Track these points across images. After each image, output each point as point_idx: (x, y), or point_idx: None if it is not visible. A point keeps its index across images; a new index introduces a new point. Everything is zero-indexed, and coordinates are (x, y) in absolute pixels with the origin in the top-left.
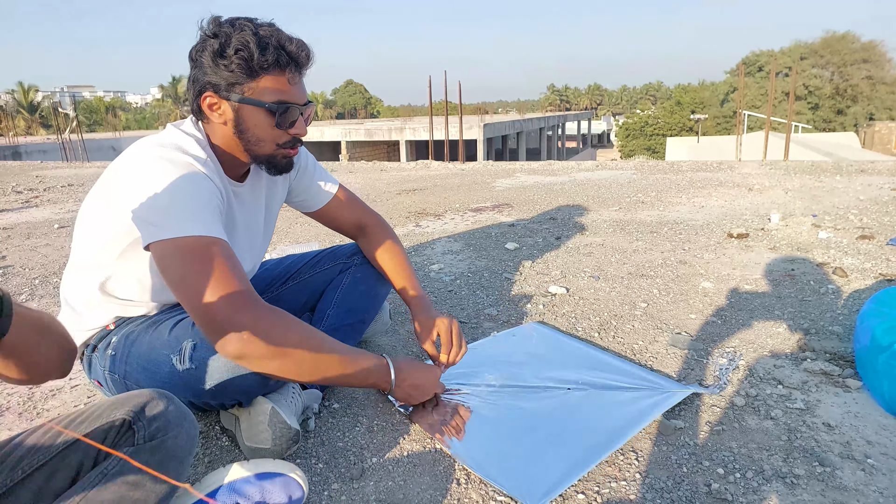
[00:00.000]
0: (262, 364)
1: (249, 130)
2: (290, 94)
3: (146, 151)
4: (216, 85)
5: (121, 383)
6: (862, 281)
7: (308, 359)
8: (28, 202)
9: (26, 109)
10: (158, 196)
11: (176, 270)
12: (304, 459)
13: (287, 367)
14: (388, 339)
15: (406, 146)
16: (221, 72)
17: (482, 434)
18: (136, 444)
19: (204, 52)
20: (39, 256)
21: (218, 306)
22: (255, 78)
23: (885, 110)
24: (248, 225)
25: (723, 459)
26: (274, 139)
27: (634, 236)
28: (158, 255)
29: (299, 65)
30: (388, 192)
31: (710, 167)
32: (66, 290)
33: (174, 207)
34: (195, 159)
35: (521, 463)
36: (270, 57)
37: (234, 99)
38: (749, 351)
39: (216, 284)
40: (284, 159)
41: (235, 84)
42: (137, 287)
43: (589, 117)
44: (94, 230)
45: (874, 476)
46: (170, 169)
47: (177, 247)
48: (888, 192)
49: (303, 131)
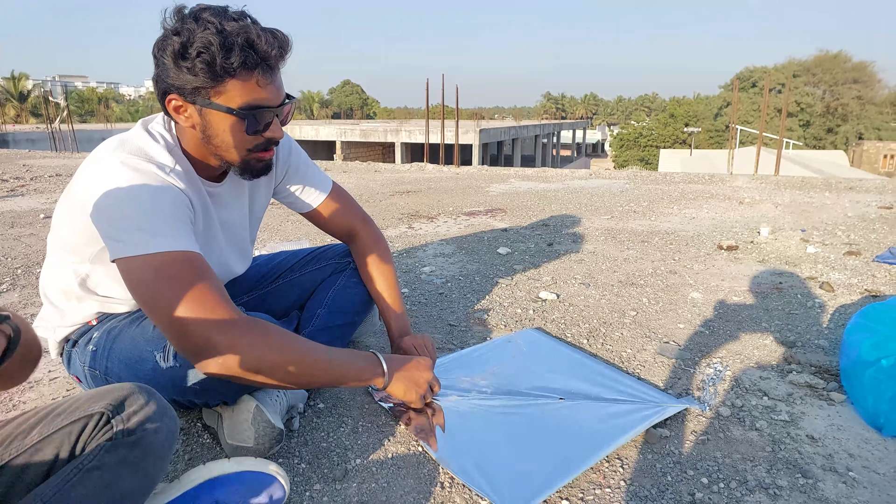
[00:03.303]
0: (246, 380)
1: (217, 136)
2: (261, 97)
3: (109, 157)
4: (180, 88)
5: (101, 379)
6: (848, 296)
7: (294, 370)
8: (13, 191)
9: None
10: (120, 209)
11: (145, 290)
12: (286, 459)
13: (273, 379)
14: (377, 340)
15: (401, 148)
16: (184, 75)
17: (468, 439)
18: (114, 439)
19: (165, 51)
20: (23, 246)
21: (192, 329)
22: (220, 82)
23: (873, 130)
24: (232, 225)
25: (707, 469)
26: (244, 145)
27: (626, 245)
28: (125, 271)
29: (270, 65)
30: (381, 193)
31: (702, 179)
32: (45, 286)
33: (138, 221)
34: (159, 167)
35: (505, 469)
36: (236, 60)
37: (199, 103)
38: (735, 362)
39: (188, 304)
40: (259, 163)
41: (200, 88)
42: (118, 286)
43: (584, 126)
44: (66, 234)
45: (855, 489)
46: (132, 178)
47: (143, 264)
48: (875, 210)
49: (277, 134)
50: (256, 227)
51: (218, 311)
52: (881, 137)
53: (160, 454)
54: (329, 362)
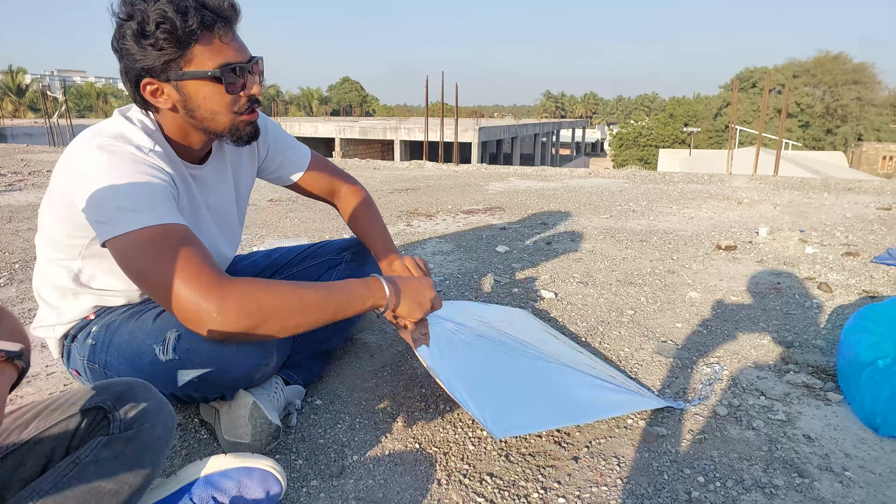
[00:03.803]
0: (252, 336)
1: (201, 107)
2: (230, 54)
3: (86, 144)
4: (151, 69)
5: (100, 373)
6: (846, 297)
7: (295, 308)
8: (11, 185)
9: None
10: (103, 191)
11: (135, 265)
12: (283, 455)
13: (278, 327)
14: (375, 337)
15: (400, 146)
16: (150, 53)
17: (462, 362)
18: (111, 434)
19: (124, 38)
20: (21, 241)
21: (184, 296)
22: (187, 48)
23: (873, 132)
24: (218, 207)
25: (704, 468)
26: (229, 108)
27: (624, 244)
28: (116, 252)
29: (227, 19)
30: (380, 191)
31: (700, 179)
32: (39, 287)
33: (121, 201)
34: (138, 148)
35: (495, 396)
36: (194, 21)
37: (173, 78)
38: (733, 362)
39: (178, 273)
40: (248, 126)
41: (170, 62)
42: (111, 278)
43: (584, 125)
44: (52, 231)
45: (851, 488)
46: (112, 161)
47: (132, 241)
48: (874, 211)
49: (257, 89)
50: (244, 207)
51: (202, 276)
52: (880, 139)
53: (157, 449)
54: (328, 294)
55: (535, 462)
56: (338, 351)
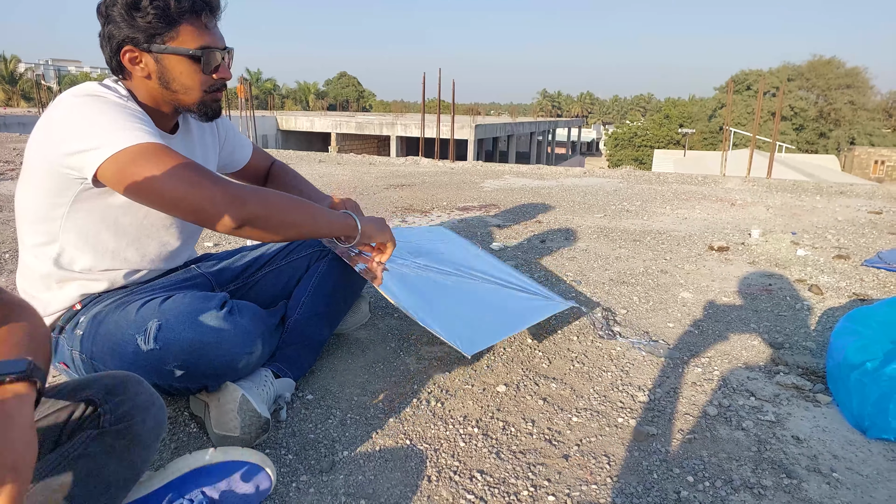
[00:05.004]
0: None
1: (175, 80)
2: (211, 39)
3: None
4: (134, 38)
5: (88, 364)
6: (836, 299)
7: (294, 209)
8: (3, 174)
9: (7, 81)
10: (90, 119)
11: (139, 177)
12: (273, 450)
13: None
14: (367, 333)
15: (396, 142)
16: (138, 24)
17: (421, 295)
18: (101, 427)
19: (115, 5)
20: (11, 230)
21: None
22: (173, 27)
23: (865, 136)
24: None
25: (693, 467)
26: (201, 86)
27: (617, 244)
28: (114, 173)
29: (213, 7)
30: (375, 186)
31: (694, 180)
32: (23, 282)
33: (111, 124)
34: (116, 97)
35: (453, 321)
36: (186, 3)
37: (155, 50)
38: (724, 362)
39: (189, 173)
40: (215, 103)
41: (155, 35)
42: (91, 254)
43: (579, 125)
44: (33, 204)
45: (839, 490)
46: (95, 100)
47: (126, 156)
48: (865, 215)
49: (228, 75)
50: None
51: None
52: (873, 143)
53: (147, 443)
54: (311, 205)
55: (526, 459)
56: (329, 346)
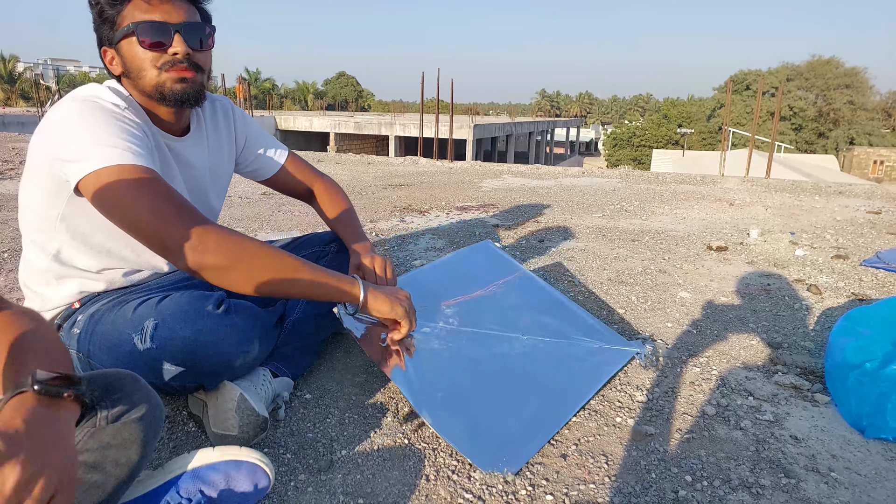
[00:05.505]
0: (223, 274)
1: (129, 64)
2: (154, 15)
3: (61, 104)
4: (101, 36)
5: (85, 362)
6: (835, 299)
7: (270, 265)
8: (2, 174)
9: (5, 80)
10: (77, 132)
11: (111, 198)
12: (272, 449)
13: (246, 276)
14: None
15: (395, 141)
16: (98, 19)
17: (440, 381)
18: (97, 426)
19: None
20: (10, 230)
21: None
22: (119, 9)
23: (864, 136)
24: (190, 179)
25: (691, 467)
26: (152, 64)
27: (616, 243)
28: (91, 190)
29: None
30: (374, 186)
31: (693, 180)
32: (24, 275)
33: (96, 138)
34: (113, 105)
35: (477, 423)
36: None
37: (114, 42)
38: (722, 362)
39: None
40: (176, 84)
41: (113, 26)
42: (88, 253)
43: (578, 125)
44: (33, 202)
45: (837, 489)
46: (90, 107)
47: (107, 176)
48: (864, 215)
49: (180, 49)
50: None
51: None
52: (872, 143)
53: (144, 442)
54: (304, 264)
55: None
56: (328, 346)
